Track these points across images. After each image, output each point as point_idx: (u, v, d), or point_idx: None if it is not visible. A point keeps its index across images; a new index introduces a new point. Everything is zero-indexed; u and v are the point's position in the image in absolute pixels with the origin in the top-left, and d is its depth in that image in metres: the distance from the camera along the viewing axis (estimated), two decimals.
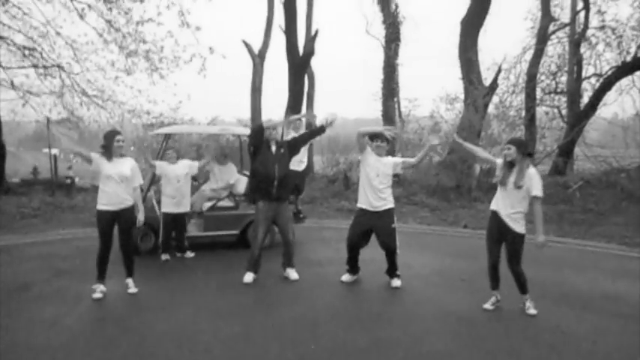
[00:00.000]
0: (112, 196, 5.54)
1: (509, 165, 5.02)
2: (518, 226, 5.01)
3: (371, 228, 6.00)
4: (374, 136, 6.01)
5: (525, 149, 5.02)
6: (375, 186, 5.91)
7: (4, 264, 7.28)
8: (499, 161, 5.17)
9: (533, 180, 4.90)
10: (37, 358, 4.04)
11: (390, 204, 6.00)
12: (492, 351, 4.22)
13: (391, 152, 14.88)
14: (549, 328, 4.75)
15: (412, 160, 6.37)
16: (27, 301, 5.49)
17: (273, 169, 6.18)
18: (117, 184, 5.55)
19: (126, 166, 5.64)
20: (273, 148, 6.32)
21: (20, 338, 4.44)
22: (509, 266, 5.09)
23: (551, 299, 5.56)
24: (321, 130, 6.50)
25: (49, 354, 4.11)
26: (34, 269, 6.90)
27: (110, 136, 5.65)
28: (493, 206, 5.18)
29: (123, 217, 5.63)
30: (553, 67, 17.57)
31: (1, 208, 11.81)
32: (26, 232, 9.95)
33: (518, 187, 4.92)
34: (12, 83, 15.81)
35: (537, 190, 4.89)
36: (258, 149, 6.30)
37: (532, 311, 5.07)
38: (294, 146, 6.55)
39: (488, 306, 5.26)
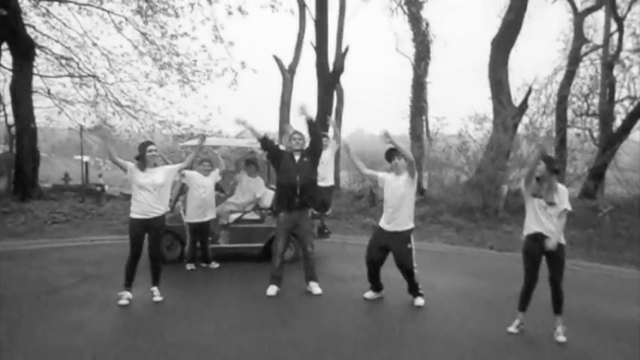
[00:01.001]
0: (144, 206, 5.67)
1: (537, 181, 4.98)
2: (561, 239, 4.95)
3: (387, 246, 5.97)
4: (391, 156, 6.00)
5: (553, 166, 4.97)
6: (391, 205, 5.89)
7: (34, 268, 7.45)
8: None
9: (565, 196, 4.92)
10: None
11: (406, 225, 5.89)
12: None
13: (418, 170, 14.86)
14: (576, 355, 4.65)
15: (408, 157, 5.93)
16: (54, 305, 5.61)
17: (295, 178, 6.26)
18: (149, 193, 5.68)
19: (158, 174, 5.76)
20: (297, 158, 6.40)
21: (47, 341, 4.53)
22: (553, 282, 4.99)
23: (579, 325, 5.43)
24: (311, 123, 6.49)
25: (73, 358, 4.18)
26: (62, 274, 7.04)
27: (143, 146, 5.83)
28: (536, 228, 5.01)
29: (154, 225, 5.75)
30: (585, 89, 17.37)
31: (33, 213, 12.10)
32: (56, 236, 10.17)
33: (550, 203, 4.88)
34: (49, 91, 16.32)
35: (567, 205, 4.90)
36: (278, 159, 6.39)
37: (561, 338, 4.95)
38: (312, 150, 6.57)
39: (512, 329, 5.17)
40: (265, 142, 6.48)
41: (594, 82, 17.36)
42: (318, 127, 6.67)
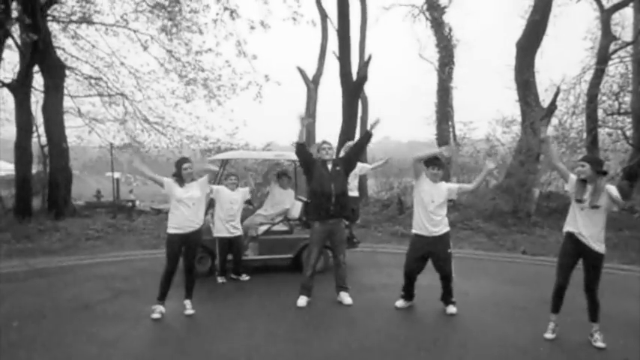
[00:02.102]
0: (182, 220, 5.75)
1: (583, 182, 4.84)
2: (600, 246, 4.82)
3: (427, 254, 5.92)
4: (429, 163, 5.96)
5: (600, 167, 4.80)
6: (431, 212, 5.84)
7: (69, 284, 7.59)
8: (573, 176, 4.95)
9: (614, 192, 4.70)
10: None
11: (445, 228, 5.92)
12: None
13: (446, 176, 14.72)
14: None
15: (469, 186, 6.33)
16: (88, 321, 5.69)
17: (329, 187, 6.26)
18: (188, 208, 5.76)
19: (195, 189, 5.86)
20: (329, 167, 6.40)
21: (80, 356, 4.60)
22: (589, 290, 4.88)
23: (617, 330, 5.27)
24: (368, 135, 6.61)
25: None
26: (96, 289, 7.16)
27: (178, 164, 5.93)
28: (570, 228, 4.95)
29: (191, 240, 5.83)
30: (615, 88, 16.98)
31: (67, 230, 12.36)
32: (90, 253, 10.35)
33: (594, 206, 4.74)
34: (79, 111, 16.73)
35: (616, 203, 4.72)
36: (311, 168, 6.40)
37: (600, 344, 4.81)
38: (348, 161, 6.62)
39: (549, 335, 5.04)
40: (302, 147, 6.46)
41: (624, 79, 16.97)
42: (367, 141, 6.73)
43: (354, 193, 8.25)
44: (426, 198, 5.87)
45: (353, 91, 16.52)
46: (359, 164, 7.15)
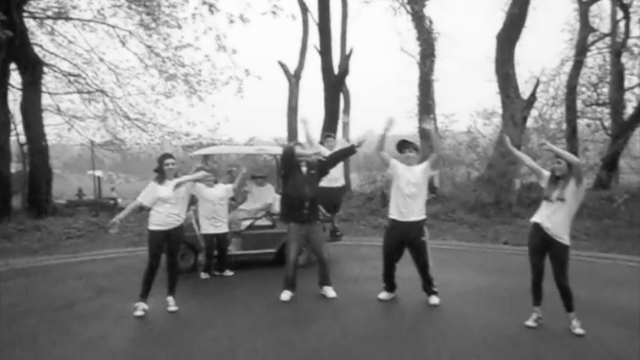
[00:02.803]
0: (164, 217, 5.71)
1: (555, 179, 4.93)
2: (563, 239, 4.89)
3: (402, 240, 5.94)
4: (402, 147, 5.99)
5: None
6: (407, 195, 5.84)
7: (51, 282, 7.52)
8: (546, 173, 5.06)
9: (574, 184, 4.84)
10: None
11: (420, 215, 5.89)
12: None
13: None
14: (595, 348, 4.58)
15: (433, 155, 6.15)
16: (71, 319, 5.64)
17: (304, 191, 6.24)
18: (171, 205, 5.72)
19: (179, 186, 5.80)
20: (304, 170, 6.39)
21: (63, 355, 4.56)
22: (557, 280, 4.94)
23: (598, 317, 5.36)
24: (351, 150, 6.58)
25: None
26: (78, 288, 7.10)
27: (161, 159, 5.88)
28: (536, 219, 5.04)
29: (173, 236, 5.80)
30: (594, 79, 17.24)
31: (48, 229, 12.22)
32: (72, 251, 10.26)
33: (561, 199, 4.83)
34: (58, 108, 16.52)
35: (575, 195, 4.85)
36: (289, 172, 6.38)
37: (579, 330, 4.89)
38: (323, 168, 6.57)
39: (530, 323, 5.12)
40: (292, 153, 6.36)
41: (603, 71, 17.21)
42: (350, 154, 6.74)
43: (337, 183, 8.23)
44: (401, 182, 5.88)
45: (334, 84, 16.54)
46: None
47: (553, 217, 4.89)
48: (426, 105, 19.00)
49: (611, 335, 4.91)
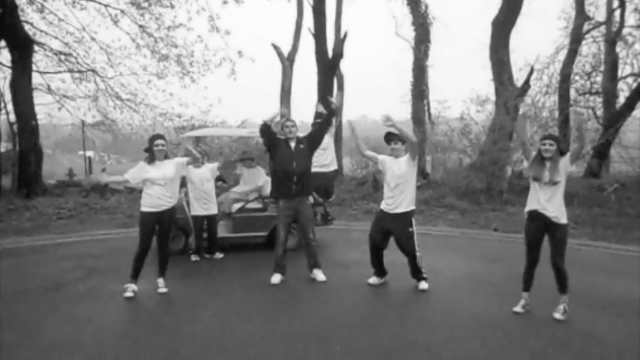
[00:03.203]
0: (155, 199, 5.69)
1: (542, 160, 4.95)
2: (562, 218, 4.93)
3: (388, 230, 5.96)
4: (389, 140, 6.00)
5: (560, 146, 4.97)
6: (392, 188, 5.87)
7: (40, 263, 7.50)
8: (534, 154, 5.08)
9: (564, 164, 4.91)
10: (70, 355, 4.14)
11: (406, 207, 5.87)
12: (520, 356, 4.15)
13: (420, 154, 14.80)
14: (581, 334, 4.65)
15: (409, 138, 5.99)
16: (61, 300, 5.64)
17: (291, 165, 6.25)
18: (161, 187, 5.69)
19: (169, 167, 5.77)
20: (292, 145, 6.38)
21: (53, 336, 4.56)
22: (554, 262, 4.97)
23: (585, 304, 5.42)
24: (331, 112, 6.63)
25: (81, 351, 4.21)
26: (68, 268, 7.08)
27: (151, 140, 5.85)
28: (533, 206, 5.04)
29: (164, 218, 5.79)
30: (588, 67, 17.22)
31: (38, 209, 12.15)
32: (62, 232, 10.22)
33: (554, 183, 4.87)
34: (49, 87, 16.34)
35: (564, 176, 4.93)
36: (275, 147, 6.38)
37: (558, 316, 4.97)
38: (313, 139, 6.58)
39: (518, 309, 5.17)
40: (266, 127, 6.39)
41: (597, 59, 17.21)
42: (331, 116, 6.71)
43: (329, 168, 8.23)
44: (388, 175, 5.93)
45: (328, 68, 16.46)
46: (326, 138, 7.14)
47: (552, 201, 4.92)
48: (420, 91, 18.98)
49: (598, 321, 4.98)
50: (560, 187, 4.92)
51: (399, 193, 5.84)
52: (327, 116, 6.76)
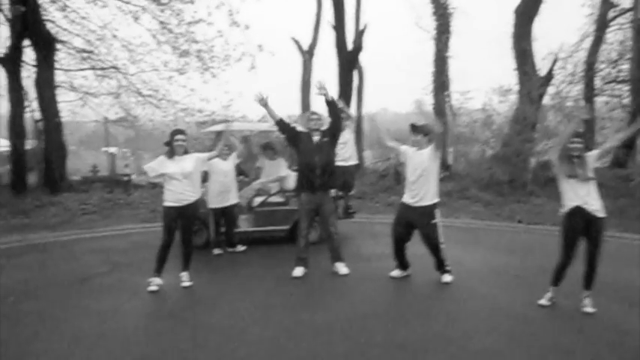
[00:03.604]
0: (176, 194, 5.73)
1: (569, 158, 4.85)
2: (602, 211, 4.87)
3: (411, 222, 5.89)
4: (412, 132, 5.93)
5: (586, 142, 4.94)
6: (413, 181, 5.80)
7: (66, 257, 7.61)
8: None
9: (593, 158, 4.87)
10: (95, 347, 4.19)
11: (430, 200, 5.79)
12: (545, 349, 4.08)
13: (443, 146, 14.64)
14: (608, 326, 4.56)
15: (432, 129, 6.03)
16: (86, 294, 5.72)
17: (314, 159, 6.21)
18: (179, 182, 5.72)
19: (187, 162, 5.79)
20: (316, 138, 6.34)
21: (79, 328, 4.62)
22: (591, 258, 4.89)
23: (611, 297, 5.31)
24: (332, 106, 6.38)
25: (105, 343, 4.26)
26: (93, 263, 7.17)
27: (172, 135, 5.88)
28: (574, 202, 4.88)
29: (186, 212, 5.82)
30: (614, 55, 16.83)
31: (63, 205, 12.34)
32: (87, 227, 10.36)
33: (588, 179, 4.80)
34: (72, 85, 16.51)
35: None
36: (297, 141, 6.36)
37: (589, 309, 4.88)
38: (332, 130, 6.47)
39: (544, 302, 5.08)
40: (281, 124, 6.41)
41: (623, 47, 16.80)
42: (337, 107, 6.60)
43: (349, 162, 8.20)
44: (409, 167, 5.86)
45: (348, 61, 16.36)
46: (345, 133, 7.09)
47: (592, 194, 4.84)
48: (441, 82, 18.77)
49: (623, 313, 4.90)
50: (594, 183, 4.84)
51: (422, 186, 5.77)
52: (332, 109, 6.46)
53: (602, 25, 16.35)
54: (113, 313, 5.04)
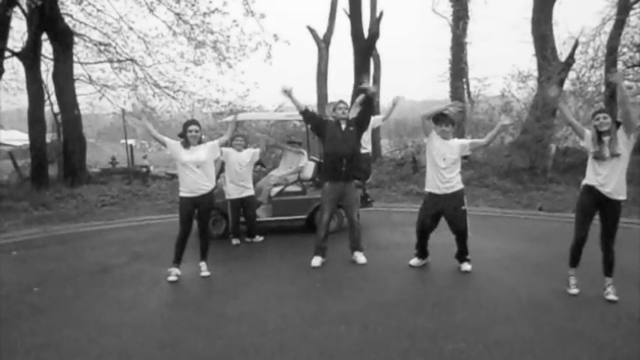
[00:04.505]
0: (191, 184, 5.74)
1: (598, 135, 4.74)
2: (620, 194, 4.73)
3: (440, 211, 5.86)
4: (438, 121, 5.84)
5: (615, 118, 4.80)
6: (442, 169, 5.75)
7: (87, 248, 7.70)
8: (588, 132, 4.85)
9: (622, 135, 4.70)
10: (116, 336, 4.23)
11: (458, 186, 5.82)
12: (567, 337, 4.02)
13: (460, 134, 14.49)
14: (630, 313, 4.48)
15: (481, 140, 6.22)
16: (107, 284, 5.77)
17: (342, 147, 6.18)
18: (193, 172, 5.73)
19: (201, 151, 5.79)
20: (343, 127, 6.30)
21: (101, 318, 4.67)
22: (605, 243, 4.83)
23: (634, 284, 5.23)
24: (369, 96, 6.41)
25: (126, 332, 4.30)
26: (113, 253, 7.24)
27: (185, 125, 5.88)
28: (591, 181, 4.83)
29: (202, 202, 5.83)
30: (636, 39, 16.44)
31: (83, 197, 12.49)
32: (106, 218, 10.47)
33: (616, 155, 4.65)
34: (90, 78, 16.67)
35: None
36: (323, 131, 6.32)
37: (612, 297, 4.79)
38: (361, 121, 6.46)
39: (574, 290, 4.99)
40: (307, 114, 6.40)
41: None
42: (374, 102, 6.59)
43: (364, 149, 8.14)
44: (437, 156, 5.79)
45: (364, 49, 16.25)
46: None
47: (611, 176, 4.70)
48: (459, 69, 18.58)
49: None
50: (622, 162, 4.68)
51: (449, 174, 5.77)
52: (368, 98, 6.57)
53: (624, 8, 15.97)
54: (134, 302, 5.08)
